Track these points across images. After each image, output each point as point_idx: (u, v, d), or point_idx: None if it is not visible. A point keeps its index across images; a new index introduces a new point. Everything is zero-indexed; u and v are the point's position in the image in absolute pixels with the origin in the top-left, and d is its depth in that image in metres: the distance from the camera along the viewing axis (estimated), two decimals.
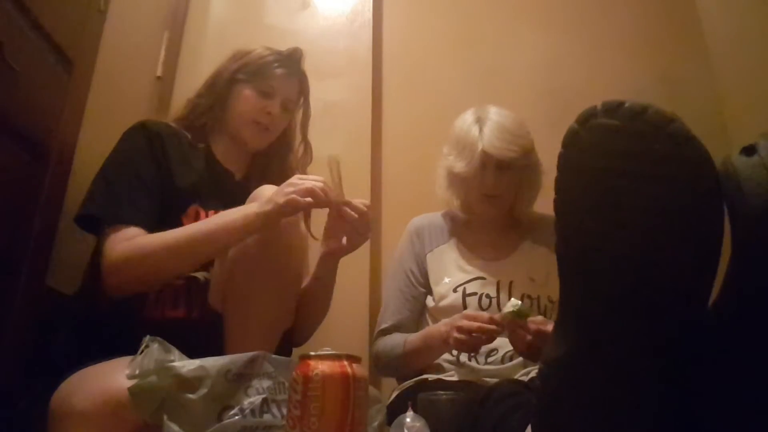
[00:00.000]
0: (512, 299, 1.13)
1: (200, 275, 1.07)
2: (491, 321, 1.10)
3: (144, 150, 1.13)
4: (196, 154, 1.22)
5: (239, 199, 1.07)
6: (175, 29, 1.84)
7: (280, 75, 1.27)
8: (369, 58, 1.87)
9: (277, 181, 1.05)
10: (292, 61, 1.31)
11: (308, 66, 1.33)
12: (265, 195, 1.00)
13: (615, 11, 1.92)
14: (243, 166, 1.30)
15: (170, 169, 1.14)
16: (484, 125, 1.29)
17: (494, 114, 1.31)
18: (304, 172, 1.37)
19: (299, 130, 1.36)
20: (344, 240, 1.13)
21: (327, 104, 1.78)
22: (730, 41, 1.76)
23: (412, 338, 1.26)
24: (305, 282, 1.21)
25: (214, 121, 1.27)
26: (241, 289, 0.96)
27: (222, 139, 1.28)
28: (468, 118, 1.33)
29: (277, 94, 1.27)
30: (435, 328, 1.22)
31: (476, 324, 1.10)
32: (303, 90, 1.35)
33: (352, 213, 1.07)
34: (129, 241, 1.01)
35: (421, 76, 1.89)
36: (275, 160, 1.32)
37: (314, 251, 1.21)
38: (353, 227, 1.09)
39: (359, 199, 1.09)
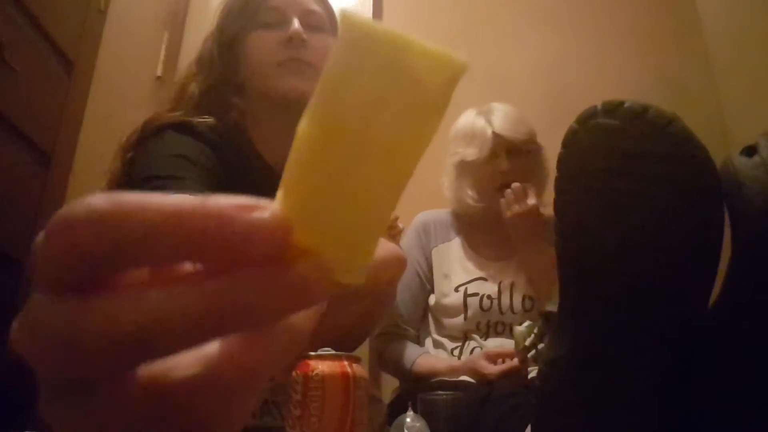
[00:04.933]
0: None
1: None
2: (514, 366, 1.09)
3: (198, 161, 0.84)
4: (254, 165, 0.92)
5: None
6: (175, 29, 1.84)
7: None
8: None
9: None
10: None
11: None
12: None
13: (615, 11, 1.92)
14: None
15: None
16: (491, 114, 1.33)
17: (497, 106, 1.36)
18: None
19: None
20: None
21: None
22: (730, 41, 1.76)
23: (421, 363, 1.24)
24: None
25: (238, 111, 0.92)
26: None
27: (264, 126, 0.94)
28: (470, 114, 1.36)
29: (287, 12, 0.92)
30: (446, 368, 1.19)
31: (499, 369, 1.09)
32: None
33: None
34: None
35: None
36: None
37: None
38: None
39: None
